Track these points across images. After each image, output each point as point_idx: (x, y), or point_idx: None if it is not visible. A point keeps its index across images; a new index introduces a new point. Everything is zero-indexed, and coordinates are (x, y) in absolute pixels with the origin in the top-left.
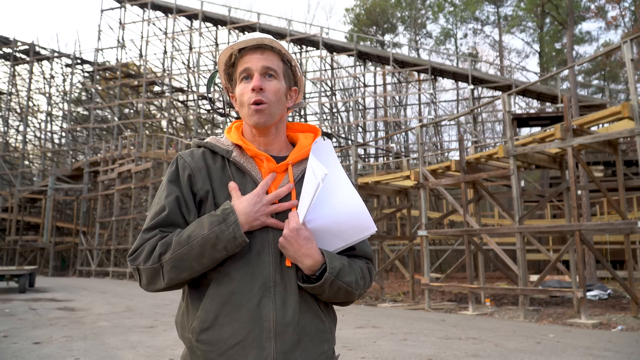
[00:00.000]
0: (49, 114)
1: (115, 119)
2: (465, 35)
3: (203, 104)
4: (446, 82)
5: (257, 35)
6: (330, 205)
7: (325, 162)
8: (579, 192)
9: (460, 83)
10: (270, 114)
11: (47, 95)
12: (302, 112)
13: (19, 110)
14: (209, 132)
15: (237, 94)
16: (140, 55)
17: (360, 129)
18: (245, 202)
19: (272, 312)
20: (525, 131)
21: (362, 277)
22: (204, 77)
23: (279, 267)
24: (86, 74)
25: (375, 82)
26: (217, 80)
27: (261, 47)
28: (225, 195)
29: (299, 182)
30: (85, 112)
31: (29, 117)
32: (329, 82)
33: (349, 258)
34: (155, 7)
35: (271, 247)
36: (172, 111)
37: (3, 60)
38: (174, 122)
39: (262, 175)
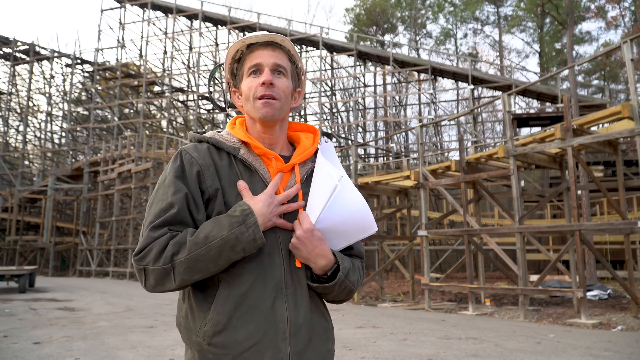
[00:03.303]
0: (49, 114)
1: (115, 119)
2: (465, 35)
3: (203, 104)
4: (446, 82)
5: (268, 32)
6: (337, 206)
7: (332, 163)
8: (579, 192)
9: (460, 83)
10: (279, 109)
11: (47, 95)
12: (302, 112)
13: (19, 110)
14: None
15: (245, 88)
16: (140, 55)
17: (360, 129)
18: (261, 203)
19: (286, 314)
20: (525, 131)
21: (360, 276)
22: (204, 77)
23: (289, 268)
24: (86, 74)
25: (375, 82)
26: (217, 76)
27: (272, 45)
28: (235, 193)
29: (304, 182)
30: (85, 112)
31: (29, 117)
32: (329, 82)
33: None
34: (155, 7)
35: (281, 248)
36: (172, 111)
37: (3, 60)
38: (174, 122)
39: (270, 174)
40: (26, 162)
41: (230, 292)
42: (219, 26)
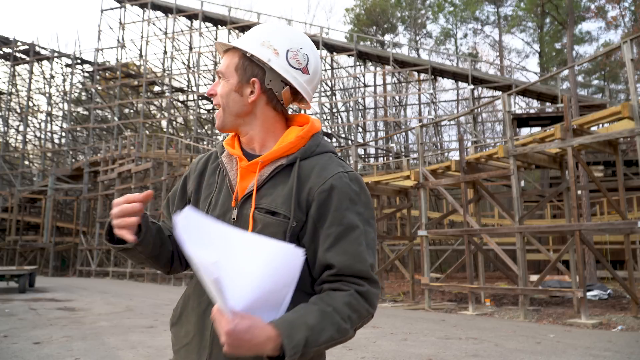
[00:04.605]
0: (49, 114)
1: (115, 119)
2: (465, 35)
3: (203, 104)
4: (446, 82)
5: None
6: (245, 279)
7: (200, 237)
8: (579, 192)
9: (460, 83)
10: (223, 117)
11: (47, 95)
12: (302, 112)
13: (19, 110)
14: (208, 132)
15: None
16: (140, 55)
17: (360, 129)
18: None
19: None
20: (525, 131)
21: (348, 318)
22: (204, 77)
23: None
24: (86, 74)
25: (375, 82)
26: None
27: (227, 50)
28: (203, 197)
29: (271, 179)
30: (85, 112)
31: (29, 117)
32: (329, 82)
33: (326, 293)
34: (155, 7)
35: None
36: (172, 111)
37: (3, 60)
38: (174, 122)
39: (236, 175)
40: (26, 162)
41: (187, 289)
42: (219, 26)
